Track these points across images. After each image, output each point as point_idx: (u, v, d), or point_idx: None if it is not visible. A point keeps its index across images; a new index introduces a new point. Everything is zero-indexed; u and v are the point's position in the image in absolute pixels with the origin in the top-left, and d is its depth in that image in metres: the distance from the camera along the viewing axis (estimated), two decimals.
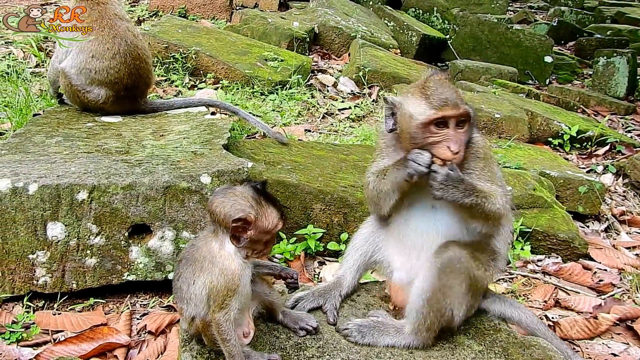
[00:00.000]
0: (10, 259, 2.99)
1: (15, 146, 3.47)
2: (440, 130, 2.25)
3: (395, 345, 2.40)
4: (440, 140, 2.25)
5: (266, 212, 2.13)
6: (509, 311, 2.64)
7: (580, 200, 4.86)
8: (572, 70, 9.75)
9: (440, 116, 2.23)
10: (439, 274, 2.33)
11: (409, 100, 2.31)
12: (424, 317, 2.36)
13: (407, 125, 2.30)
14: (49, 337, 2.88)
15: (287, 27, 7.48)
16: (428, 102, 2.24)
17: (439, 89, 2.27)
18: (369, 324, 2.45)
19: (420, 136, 2.26)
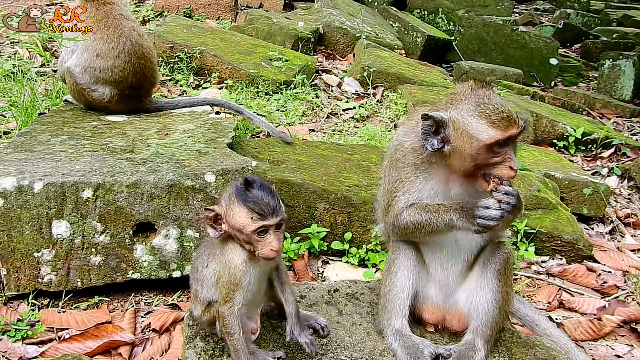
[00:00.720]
0: (16, 257, 3.00)
1: (20, 145, 3.48)
2: (501, 149, 2.16)
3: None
4: (502, 160, 2.16)
5: (234, 210, 2.11)
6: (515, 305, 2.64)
7: (584, 202, 4.85)
8: (577, 73, 9.72)
9: (507, 136, 2.14)
10: (502, 277, 2.33)
11: (464, 117, 2.18)
12: (497, 324, 2.35)
13: (466, 146, 2.16)
14: (53, 334, 2.89)
15: (292, 27, 7.48)
16: (490, 122, 2.13)
17: (496, 105, 2.17)
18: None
19: (482, 157, 2.15)
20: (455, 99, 2.28)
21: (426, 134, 2.24)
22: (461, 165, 2.22)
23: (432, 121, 2.23)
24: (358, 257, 3.76)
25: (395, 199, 2.34)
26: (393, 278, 2.44)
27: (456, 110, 2.22)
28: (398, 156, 2.38)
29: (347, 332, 2.42)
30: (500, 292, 2.33)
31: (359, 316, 2.52)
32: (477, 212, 2.12)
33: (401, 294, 2.41)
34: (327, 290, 2.69)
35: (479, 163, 2.18)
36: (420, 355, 2.26)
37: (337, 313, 2.54)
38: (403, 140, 2.38)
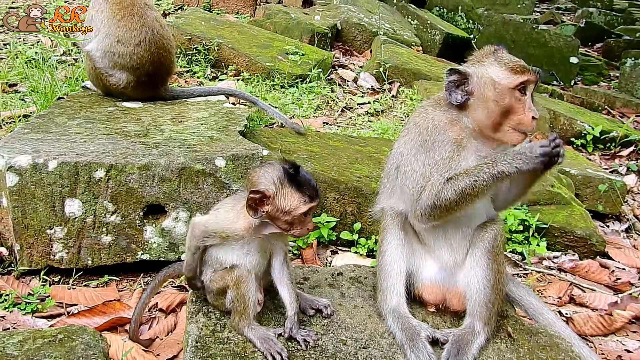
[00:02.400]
0: (29, 233, 3.06)
1: (38, 126, 3.56)
2: (522, 96, 2.29)
3: (482, 346, 2.34)
4: (522, 108, 2.28)
5: (287, 193, 2.18)
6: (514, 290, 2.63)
7: (600, 199, 4.78)
8: (598, 72, 9.58)
9: (525, 80, 2.28)
10: (492, 254, 2.36)
11: (486, 68, 2.33)
12: (492, 303, 2.36)
13: (490, 92, 2.29)
14: (63, 309, 2.95)
15: (309, 22, 7.51)
16: (509, 68, 2.30)
17: (512, 57, 2.36)
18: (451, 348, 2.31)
19: (506, 102, 2.27)
20: (475, 59, 2.45)
21: (450, 88, 2.35)
22: (487, 115, 2.31)
23: (457, 75, 2.35)
24: (367, 247, 3.76)
25: (433, 179, 2.31)
26: (383, 256, 2.47)
27: (476, 65, 2.38)
28: (436, 136, 2.36)
29: (348, 314, 2.43)
30: (491, 270, 2.33)
31: (361, 299, 2.53)
32: (525, 146, 2.22)
33: (392, 271, 2.43)
34: (330, 273, 2.71)
35: (503, 108, 2.27)
36: (416, 338, 2.26)
37: (340, 295, 2.55)
38: (439, 118, 2.39)
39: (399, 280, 2.42)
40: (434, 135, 2.36)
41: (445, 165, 2.31)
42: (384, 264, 2.45)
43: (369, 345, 2.25)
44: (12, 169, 2.97)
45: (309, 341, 2.22)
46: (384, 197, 2.59)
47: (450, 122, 2.37)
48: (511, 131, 2.31)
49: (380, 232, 2.54)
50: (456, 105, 2.37)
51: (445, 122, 2.37)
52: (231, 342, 2.18)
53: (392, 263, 2.43)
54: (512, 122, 2.29)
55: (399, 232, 2.48)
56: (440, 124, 2.37)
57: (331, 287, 2.59)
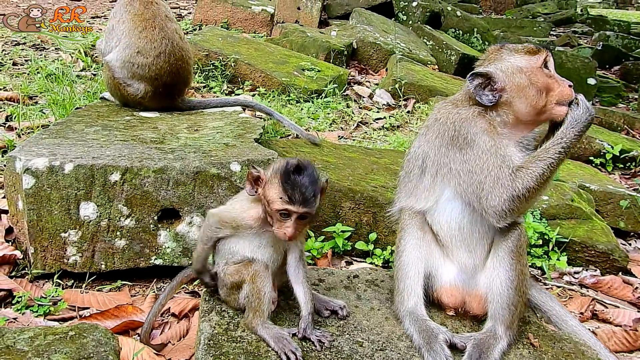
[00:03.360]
0: (44, 236, 3.06)
1: (55, 132, 3.59)
2: (550, 72, 2.35)
3: (504, 351, 2.27)
4: (557, 82, 2.34)
5: (273, 184, 2.19)
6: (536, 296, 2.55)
7: (621, 216, 4.67)
8: (616, 94, 9.50)
9: (545, 55, 2.36)
10: (515, 255, 2.31)
11: (508, 62, 2.36)
12: (515, 306, 2.29)
13: (521, 80, 2.32)
14: (75, 313, 2.92)
15: (325, 40, 7.57)
16: (526, 52, 2.36)
17: (519, 44, 2.44)
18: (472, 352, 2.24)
19: (541, 82, 2.30)
20: (487, 59, 2.48)
21: (479, 92, 2.34)
22: (529, 102, 2.33)
23: (481, 78, 2.34)
24: (382, 258, 3.69)
25: (492, 174, 2.24)
26: (400, 257, 2.42)
27: (494, 63, 2.39)
28: (465, 130, 2.31)
29: (365, 316, 2.37)
30: (514, 271, 2.27)
31: (377, 302, 2.47)
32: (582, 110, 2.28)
33: (410, 272, 2.37)
34: (346, 275, 2.66)
35: (542, 88, 2.31)
36: (434, 341, 2.19)
37: (356, 298, 2.49)
38: (465, 114, 2.35)
39: (416, 282, 2.36)
40: (463, 130, 2.30)
41: (495, 156, 2.25)
42: (401, 265, 2.39)
43: (385, 348, 2.18)
44: (28, 171, 2.98)
45: (323, 342, 2.16)
46: (403, 197, 2.54)
47: (479, 114, 2.35)
48: (556, 106, 2.33)
49: (398, 232, 2.49)
50: (486, 105, 2.35)
51: (473, 115, 2.34)
52: (244, 340, 2.13)
53: (410, 264, 2.37)
54: (554, 98, 2.33)
55: (418, 232, 2.43)
56: (468, 118, 2.33)
57: (347, 289, 2.54)
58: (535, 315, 2.52)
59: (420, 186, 2.45)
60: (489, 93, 2.33)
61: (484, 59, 2.50)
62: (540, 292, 2.60)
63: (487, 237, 2.38)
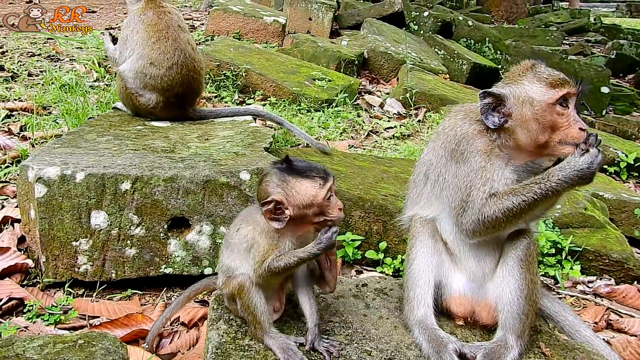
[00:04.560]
0: (55, 245, 3.08)
1: (68, 142, 3.62)
2: (564, 110, 2.18)
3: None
4: (568, 123, 2.17)
5: (296, 188, 2.09)
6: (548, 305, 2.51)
7: (636, 225, 4.60)
8: (631, 102, 9.42)
9: (565, 93, 2.18)
10: (525, 264, 2.27)
11: (524, 87, 2.24)
12: (526, 315, 2.25)
13: (529, 112, 2.20)
14: (85, 322, 2.93)
15: (336, 50, 7.60)
16: (548, 83, 2.20)
17: (550, 71, 2.26)
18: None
19: (547, 119, 2.17)
20: (511, 77, 2.34)
21: (486, 111, 2.26)
22: (530, 136, 2.22)
23: (491, 98, 2.26)
24: (393, 267, 3.67)
25: (473, 193, 2.24)
26: (411, 266, 2.38)
27: (514, 85, 2.28)
28: (463, 147, 2.29)
29: (373, 325, 2.35)
30: (524, 280, 2.23)
31: (386, 310, 2.45)
32: (583, 159, 2.09)
33: (420, 281, 2.34)
34: (355, 284, 2.64)
35: (546, 126, 2.18)
36: (443, 350, 2.16)
37: (365, 306, 2.47)
38: (467, 129, 2.32)
39: (427, 291, 2.33)
40: (462, 145, 2.29)
41: (480, 177, 2.23)
42: (411, 274, 2.36)
43: (394, 357, 2.16)
44: (40, 180, 3.01)
45: (332, 351, 2.14)
46: (411, 204, 2.53)
47: (479, 133, 2.30)
48: (558, 145, 2.21)
49: (409, 239, 2.47)
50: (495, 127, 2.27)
51: (473, 133, 2.30)
52: (252, 349, 2.12)
53: (421, 272, 2.35)
54: (559, 137, 2.19)
55: (429, 240, 2.40)
56: (469, 134, 2.30)
57: (355, 298, 2.52)
58: (547, 324, 2.49)
59: (425, 194, 2.44)
60: (495, 115, 2.25)
61: (511, 74, 2.38)
62: (553, 302, 2.56)
63: (497, 246, 2.36)
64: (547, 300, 2.55)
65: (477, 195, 2.22)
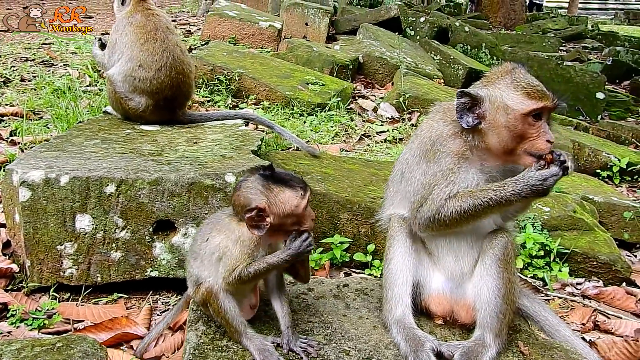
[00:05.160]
0: (40, 249, 3.08)
1: (55, 145, 3.63)
2: (537, 122, 2.18)
3: (493, 359, 2.24)
4: (537, 134, 2.18)
5: (278, 195, 2.12)
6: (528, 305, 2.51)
7: (626, 227, 4.61)
8: (626, 108, 9.43)
9: (541, 107, 2.17)
10: (502, 262, 2.27)
11: (500, 92, 2.22)
12: (504, 314, 2.26)
13: (502, 118, 2.19)
14: (69, 326, 2.92)
15: (330, 55, 7.62)
16: (525, 93, 2.19)
17: (531, 80, 2.25)
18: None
19: (519, 129, 2.16)
20: (490, 78, 2.34)
21: (461, 111, 2.25)
22: (499, 141, 2.22)
23: (467, 98, 2.25)
24: (381, 270, 3.65)
25: (435, 192, 2.26)
26: (389, 265, 2.39)
27: (491, 87, 2.27)
28: (437, 147, 2.31)
29: (353, 325, 2.35)
30: (502, 279, 2.23)
31: (366, 310, 2.45)
32: (537, 175, 2.12)
33: (398, 281, 2.34)
34: (336, 285, 2.64)
35: (516, 135, 2.17)
36: (421, 349, 2.16)
37: (345, 307, 2.47)
38: (442, 130, 2.34)
39: (405, 290, 2.33)
40: (435, 146, 2.30)
41: (445, 179, 2.25)
42: (389, 273, 2.37)
43: (372, 356, 2.16)
44: (25, 184, 3.01)
45: (309, 352, 2.14)
46: (388, 203, 2.54)
47: (454, 134, 2.30)
48: (524, 155, 2.22)
49: (387, 239, 2.48)
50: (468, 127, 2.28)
51: (448, 134, 2.31)
52: (230, 350, 2.12)
53: (398, 272, 2.35)
54: (525, 146, 2.20)
55: (406, 239, 2.41)
56: (443, 135, 2.31)
57: (336, 298, 2.52)
58: (527, 323, 2.48)
59: (400, 191, 2.44)
60: (470, 116, 2.25)
61: (490, 76, 2.39)
62: (533, 301, 2.56)
63: (475, 245, 2.36)
64: (526, 300, 2.55)
65: (438, 195, 2.24)
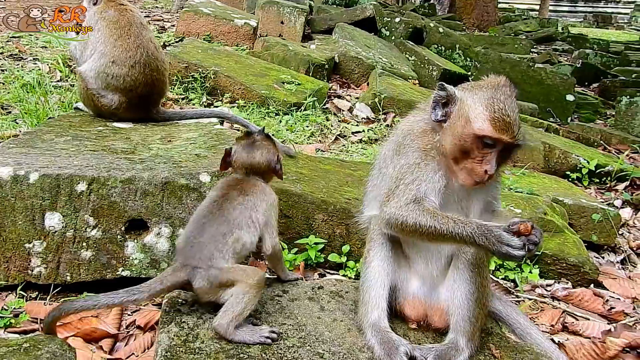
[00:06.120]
0: (7, 247, 3.00)
1: (24, 142, 3.54)
2: (488, 149, 2.13)
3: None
4: (481, 159, 2.13)
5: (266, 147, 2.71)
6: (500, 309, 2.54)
7: (594, 229, 4.71)
8: (594, 110, 9.65)
9: (497, 138, 2.11)
10: (475, 267, 2.27)
11: (472, 101, 2.16)
12: (476, 318, 2.27)
13: (459, 127, 2.16)
14: (37, 325, 2.86)
15: (306, 54, 7.61)
16: (491, 117, 2.11)
17: (506, 106, 2.13)
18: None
19: (467, 145, 2.13)
20: (478, 85, 2.29)
21: (436, 102, 2.25)
22: (449, 146, 2.20)
23: (445, 92, 2.24)
24: (355, 270, 3.67)
25: (400, 187, 2.23)
26: (367, 269, 2.38)
27: (470, 93, 2.22)
28: (407, 141, 2.31)
29: (327, 327, 2.34)
30: (474, 284, 2.25)
31: (341, 313, 2.45)
32: (502, 248, 2.00)
33: (375, 285, 2.34)
34: (311, 287, 2.64)
35: (461, 149, 2.15)
36: (394, 353, 2.17)
37: (319, 309, 2.47)
38: (414, 125, 2.35)
39: (381, 294, 2.33)
40: (406, 140, 2.31)
41: (412, 172, 2.22)
42: (367, 277, 2.36)
43: (346, 359, 2.16)
44: None
45: None
46: (367, 203, 2.54)
47: (424, 131, 2.30)
48: (464, 172, 2.20)
49: (367, 241, 2.47)
50: (432, 120, 2.28)
51: (418, 130, 2.31)
52: (203, 352, 2.10)
53: (377, 276, 2.35)
54: (464, 165, 2.18)
55: (386, 242, 2.40)
56: (414, 131, 2.32)
57: (310, 301, 2.51)
58: (499, 326, 2.52)
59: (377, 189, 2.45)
60: (440, 111, 2.25)
61: (478, 83, 2.32)
62: (505, 305, 2.60)
63: (445, 249, 2.37)
64: (499, 303, 2.58)
65: (403, 192, 2.22)
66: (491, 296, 2.39)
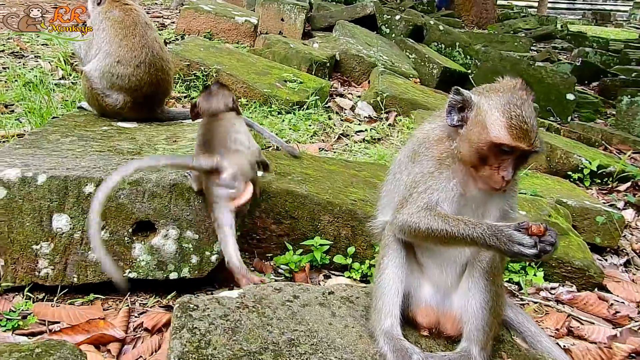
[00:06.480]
0: (15, 248, 2.99)
1: (30, 142, 3.53)
2: (505, 156, 2.11)
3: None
4: (499, 166, 2.11)
5: None
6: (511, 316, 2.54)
7: (598, 232, 4.72)
8: (595, 109, 9.65)
9: (514, 146, 2.08)
10: (490, 275, 2.25)
11: (488, 107, 2.12)
12: (490, 328, 2.25)
13: (476, 135, 2.12)
14: (45, 327, 2.85)
15: (308, 52, 7.60)
16: (508, 124, 2.06)
17: (523, 112, 2.08)
18: None
19: (484, 152, 2.11)
20: (494, 88, 2.23)
21: (451, 107, 2.22)
22: (466, 153, 2.18)
23: (461, 97, 2.20)
24: (360, 272, 3.68)
25: (414, 195, 2.22)
26: (381, 275, 2.36)
27: (486, 97, 2.17)
28: (422, 149, 2.29)
29: (339, 334, 2.34)
30: (489, 292, 2.24)
31: (352, 319, 2.45)
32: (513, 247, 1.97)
33: (389, 292, 2.32)
34: (321, 292, 2.63)
35: (479, 156, 2.13)
36: None
37: (330, 315, 2.46)
38: (430, 133, 2.32)
39: (395, 302, 2.31)
40: (421, 148, 2.29)
41: (425, 182, 2.22)
42: (380, 283, 2.35)
43: None
44: (0, 182, 2.92)
45: None
46: (382, 208, 2.53)
47: (440, 139, 2.28)
48: (482, 178, 2.18)
49: (381, 248, 2.45)
50: (449, 125, 2.25)
51: (434, 138, 2.29)
52: (215, 358, 2.09)
53: (390, 282, 2.33)
54: (482, 172, 2.16)
55: (401, 249, 2.37)
56: (429, 138, 2.30)
57: (322, 306, 2.51)
58: (509, 333, 2.52)
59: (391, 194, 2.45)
60: (456, 115, 2.22)
61: (494, 85, 2.26)
62: (517, 313, 2.59)
63: (460, 256, 2.36)
64: (510, 311, 2.58)
65: (416, 200, 2.21)
66: (505, 305, 2.38)
